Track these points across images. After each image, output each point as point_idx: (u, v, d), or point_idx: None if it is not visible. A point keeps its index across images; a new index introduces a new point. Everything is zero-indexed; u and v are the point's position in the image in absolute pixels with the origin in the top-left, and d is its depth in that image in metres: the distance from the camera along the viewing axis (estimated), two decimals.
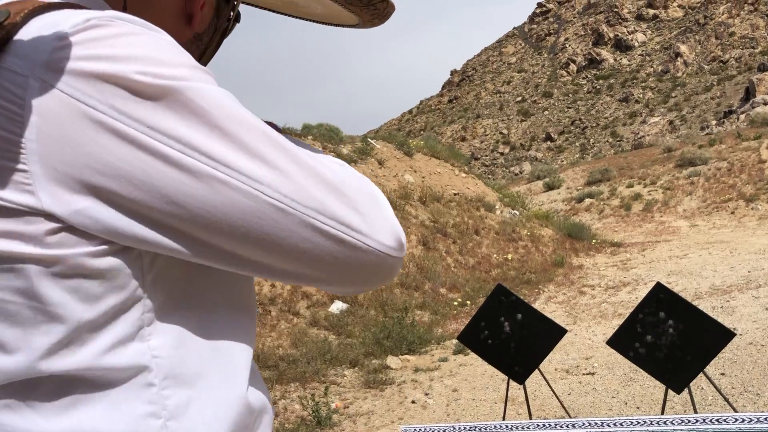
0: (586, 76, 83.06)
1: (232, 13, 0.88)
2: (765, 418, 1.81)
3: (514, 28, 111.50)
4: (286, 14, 1.06)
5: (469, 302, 9.95)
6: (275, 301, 8.45)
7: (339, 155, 13.72)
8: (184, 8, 0.79)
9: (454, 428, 1.92)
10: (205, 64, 0.87)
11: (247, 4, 1.05)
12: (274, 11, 1.08)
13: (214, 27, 0.86)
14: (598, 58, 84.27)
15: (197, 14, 0.79)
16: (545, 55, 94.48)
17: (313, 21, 1.07)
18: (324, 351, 7.24)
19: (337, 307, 8.74)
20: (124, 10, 0.73)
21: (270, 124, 0.80)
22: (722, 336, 3.91)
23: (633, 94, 73.10)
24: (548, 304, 9.90)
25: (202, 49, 0.86)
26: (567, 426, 1.83)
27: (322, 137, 14.43)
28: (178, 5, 0.78)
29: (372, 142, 15.69)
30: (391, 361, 7.24)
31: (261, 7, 1.07)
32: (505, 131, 76.32)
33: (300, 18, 1.07)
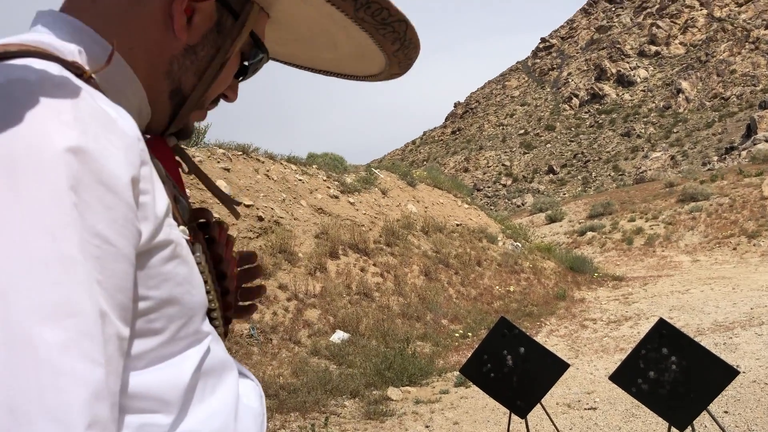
0: (589, 111, 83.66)
1: (241, 38, 0.82)
2: None
3: (518, 62, 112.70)
4: (316, 71, 1.04)
5: (470, 334, 9.92)
6: (277, 330, 8.43)
7: (343, 184, 13.80)
8: (169, 16, 0.75)
9: None
10: (206, 87, 0.82)
11: (274, 59, 1.01)
12: (299, 66, 1.05)
13: (216, 46, 0.81)
14: (600, 92, 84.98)
15: (178, 17, 0.75)
16: (548, 89, 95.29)
17: (343, 76, 1.04)
18: (325, 381, 7.20)
19: (338, 336, 8.71)
20: (106, 23, 0.72)
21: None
22: (726, 373, 3.90)
23: (635, 129, 73.55)
24: (550, 338, 9.86)
25: (200, 67, 0.80)
26: None
27: (327, 166, 14.51)
28: (162, 14, 0.74)
29: (376, 171, 15.77)
30: (392, 392, 7.19)
31: (287, 63, 1.05)
32: (507, 163, 76.64)
33: (326, 73, 1.04)
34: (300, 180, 12.70)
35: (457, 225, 15.22)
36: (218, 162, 10.81)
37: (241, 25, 0.82)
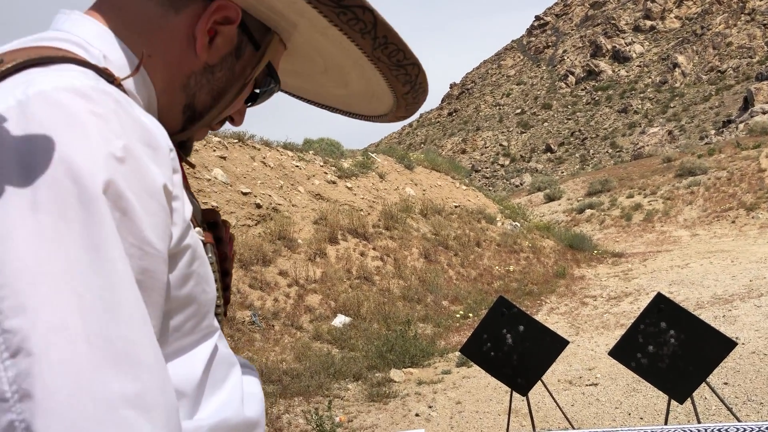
0: (585, 88, 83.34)
1: (259, 67, 0.84)
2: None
3: (513, 41, 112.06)
4: (324, 106, 1.06)
5: (471, 314, 9.96)
6: (278, 316, 8.47)
7: (340, 169, 13.79)
8: (192, 34, 0.76)
9: None
10: (219, 112, 0.85)
11: (284, 91, 1.03)
12: (308, 101, 1.07)
13: (233, 70, 0.83)
14: (596, 69, 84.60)
15: (201, 37, 0.76)
16: (544, 68, 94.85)
17: (351, 114, 1.05)
18: (327, 365, 7.24)
19: (340, 320, 8.76)
20: (130, 31, 0.74)
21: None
22: (724, 345, 3.93)
23: (632, 105, 73.32)
24: (550, 316, 9.91)
25: (215, 87, 0.82)
26: None
27: (324, 152, 14.50)
28: (186, 30, 0.76)
29: (373, 155, 15.75)
30: (395, 374, 7.24)
31: (296, 96, 1.07)
32: (505, 143, 76.49)
33: (333, 109, 1.06)
34: (297, 166, 12.69)
35: (456, 207, 15.23)
36: (214, 150, 10.80)
37: (262, 54, 0.84)
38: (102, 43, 0.72)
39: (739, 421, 3.99)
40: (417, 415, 6.06)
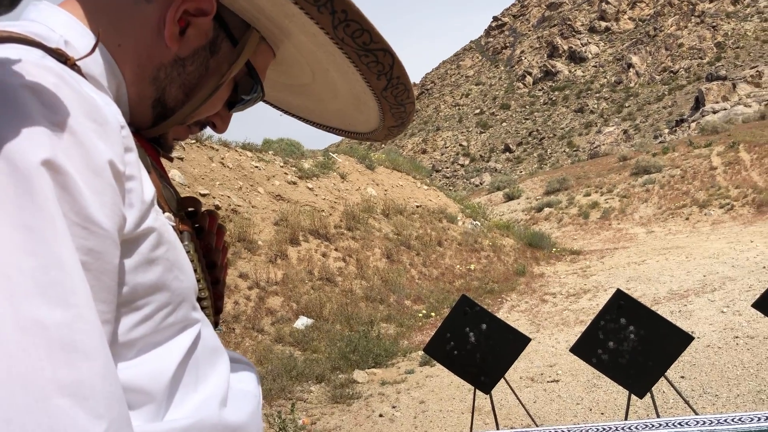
0: (542, 88, 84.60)
1: (237, 65, 0.81)
2: (724, 420, 1.86)
3: (471, 41, 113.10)
4: (326, 127, 1.05)
5: (434, 313, 9.99)
6: (239, 319, 8.36)
7: (301, 170, 13.69)
8: (162, 24, 0.74)
9: None
10: (194, 107, 0.81)
11: (270, 104, 1.03)
12: (311, 123, 1.06)
13: (206, 66, 0.79)
14: (553, 70, 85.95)
15: (170, 26, 0.73)
16: (502, 68, 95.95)
17: (350, 134, 1.04)
18: (290, 367, 7.17)
19: (302, 322, 8.68)
20: (98, 18, 0.72)
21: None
22: (681, 340, 4.00)
23: (588, 105, 74.69)
24: (511, 313, 10.00)
25: (187, 81, 0.79)
26: None
27: (284, 152, 14.37)
28: (157, 20, 0.73)
29: (334, 156, 15.69)
30: (358, 375, 7.21)
31: (300, 118, 1.06)
32: (464, 143, 77.13)
33: (334, 130, 1.05)
34: (256, 167, 12.55)
35: (417, 206, 15.27)
36: None
37: (239, 51, 0.81)
38: (66, 30, 0.70)
39: (696, 413, 4.07)
40: (381, 415, 6.04)
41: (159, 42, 0.75)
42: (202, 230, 0.85)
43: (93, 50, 0.67)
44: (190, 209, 0.84)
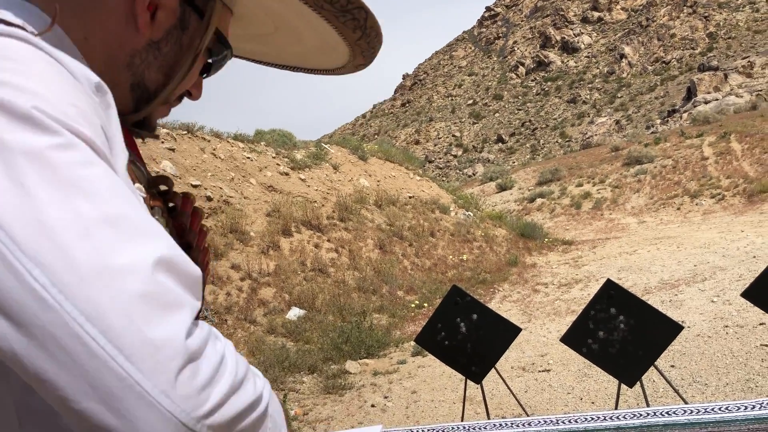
0: (535, 79, 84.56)
1: (207, 36, 0.81)
2: (713, 409, 1.87)
3: (464, 32, 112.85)
4: (283, 66, 1.04)
5: (426, 304, 10.01)
6: (231, 310, 8.35)
7: (293, 161, 13.65)
8: (132, 10, 0.73)
9: (412, 431, 1.93)
10: (175, 87, 0.82)
11: (237, 56, 1.01)
12: (266, 63, 1.05)
13: (180, 43, 0.80)
14: (545, 60, 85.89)
15: (142, 13, 0.73)
16: (495, 59, 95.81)
17: (310, 71, 1.04)
18: (282, 358, 7.18)
19: (294, 313, 8.68)
20: (61, 10, 0.70)
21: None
22: (671, 329, 4.02)
23: (580, 95, 74.71)
24: (503, 303, 10.03)
25: (164, 62, 0.79)
26: (524, 425, 1.86)
27: (276, 143, 14.33)
28: (124, 7, 0.73)
29: (326, 147, 15.65)
30: (350, 365, 7.22)
31: (254, 60, 1.05)
32: (457, 134, 77.07)
33: (293, 68, 1.05)
34: (248, 158, 12.51)
35: (410, 197, 15.26)
36: (162, 142, 10.56)
37: (207, 22, 0.81)
38: (27, 17, 0.67)
39: (685, 402, 4.10)
40: (373, 405, 6.05)
41: (127, 29, 0.74)
42: (175, 209, 0.85)
43: (52, 24, 0.66)
44: (162, 188, 0.85)
